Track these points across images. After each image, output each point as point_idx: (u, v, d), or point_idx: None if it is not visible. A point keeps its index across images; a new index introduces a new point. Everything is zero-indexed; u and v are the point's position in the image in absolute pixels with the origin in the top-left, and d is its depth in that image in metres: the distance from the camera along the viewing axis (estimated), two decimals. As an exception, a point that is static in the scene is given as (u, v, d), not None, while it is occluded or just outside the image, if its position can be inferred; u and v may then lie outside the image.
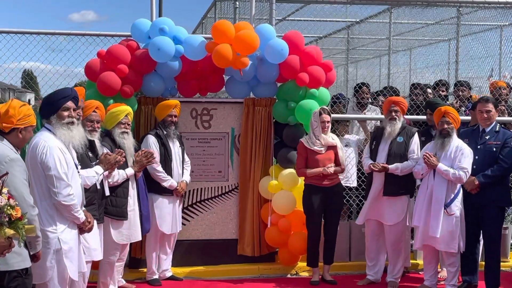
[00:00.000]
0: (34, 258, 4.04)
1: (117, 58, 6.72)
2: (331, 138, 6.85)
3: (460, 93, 8.18)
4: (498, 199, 6.34)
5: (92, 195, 5.09)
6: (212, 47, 6.77)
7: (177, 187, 6.64)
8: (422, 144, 6.76)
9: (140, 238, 6.15)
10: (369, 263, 6.90)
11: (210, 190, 7.34)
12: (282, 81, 7.29)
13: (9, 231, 3.40)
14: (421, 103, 7.99)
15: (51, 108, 4.46)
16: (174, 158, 6.68)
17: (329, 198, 6.78)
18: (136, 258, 7.04)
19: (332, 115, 7.65)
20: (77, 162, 4.67)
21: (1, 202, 3.36)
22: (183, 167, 6.81)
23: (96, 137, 5.52)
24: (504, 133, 6.42)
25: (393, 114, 6.70)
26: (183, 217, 7.13)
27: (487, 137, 6.42)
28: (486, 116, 6.40)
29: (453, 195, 6.31)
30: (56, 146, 4.37)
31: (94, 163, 5.24)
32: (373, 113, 8.24)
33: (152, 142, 6.54)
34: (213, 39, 6.86)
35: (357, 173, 7.89)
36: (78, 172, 4.63)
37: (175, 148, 6.71)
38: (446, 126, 6.37)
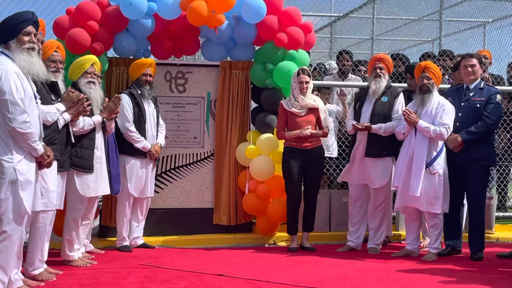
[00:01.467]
0: None
1: (87, 15, 6.52)
2: (312, 100, 6.63)
3: (442, 62, 8.05)
4: (483, 158, 6.19)
5: (52, 133, 4.82)
6: (186, 4, 6.58)
7: (151, 149, 6.41)
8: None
9: (108, 192, 5.90)
10: (351, 229, 6.69)
11: (185, 157, 7.13)
12: (260, 44, 7.13)
13: None
14: (403, 72, 7.85)
15: (10, 32, 4.26)
16: (148, 119, 6.46)
17: (309, 161, 6.55)
18: (106, 226, 6.82)
19: (313, 82, 7.52)
20: (36, 94, 4.44)
21: None
22: (157, 130, 6.59)
23: (59, 79, 5.28)
24: (488, 90, 6.29)
25: (378, 71, 6.53)
26: (156, 185, 6.90)
27: (471, 94, 6.28)
28: (470, 70, 6.26)
29: (435, 153, 6.15)
30: (13, 70, 4.17)
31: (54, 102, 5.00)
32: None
33: (125, 101, 6.31)
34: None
35: (337, 142, 7.73)
36: (37, 103, 4.39)
37: (149, 109, 6.50)
38: (426, 81, 6.21)
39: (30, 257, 4.89)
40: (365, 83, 7.26)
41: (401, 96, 6.57)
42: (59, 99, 5.03)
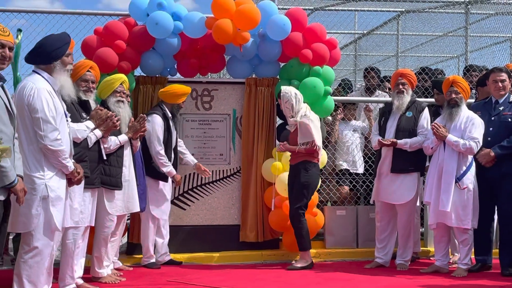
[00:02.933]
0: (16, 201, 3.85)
1: (114, 34, 6.65)
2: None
3: (470, 77, 8.00)
4: (517, 172, 6.11)
5: (82, 151, 4.91)
6: (212, 23, 6.67)
7: (175, 175, 6.52)
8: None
9: (138, 209, 5.97)
10: (379, 245, 6.65)
11: (212, 174, 7.16)
12: (285, 61, 7.18)
13: None
14: (429, 87, 7.83)
15: (55, 54, 4.35)
16: (173, 143, 6.56)
17: (292, 177, 6.56)
18: (134, 244, 6.86)
19: (338, 98, 7.58)
20: (66, 112, 4.53)
21: None
22: (177, 152, 6.66)
23: (91, 98, 5.37)
24: (519, 104, 6.24)
25: (401, 87, 6.53)
26: (183, 202, 7.03)
27: (501, 108, 6.24)
28: (501, 85, 6.23)
29: (464, 168, 6.10)
30: (45, 89, 4.26)
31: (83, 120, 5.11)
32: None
33: (159, 124, 6.35)
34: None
35: (363, 158, 7.72)
36: (67, 121, 4.49)
37: (174, 133, 6.60)
38: (454, 96, 6.19)
39: (61, 273, 4.97)
40: (390, 99, 7.27)
41: (426, 110, 6.55)
42: (88, 117, 5.12)
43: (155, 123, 6.30)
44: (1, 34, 3.82)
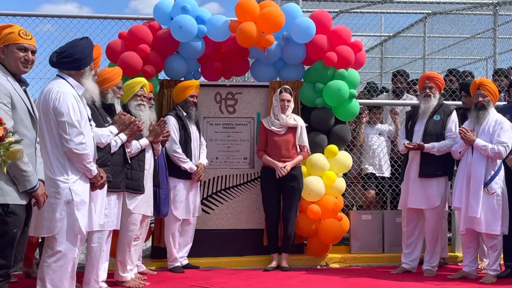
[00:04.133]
0: (36, 203, 3.86)
1: (139, 38, 6.68)
2: (292, 119, 6.69)
3: (498, 81, 7.88)
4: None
5: (105, 155, 4.92)
6: (236, 26, 6.66)
7: (198, 170, 6.49)
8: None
9: (151, 214, 6.00)
10: (405, 250, 6.57)
11: (235, 178, 7.15)
12: (309, 64, 7.14)
13: None
14: (456, 89, 7.72)
15: (85, 61, 4.39)
16: (193, 140, 6.56)
17: (286, 182, 6.60)
18: (158, 247, 6.86)
19: (363, 101, 7.54)
20: (90, 117, 4.56)
21: None
22: (200, 150, 6.66)
23: (117, 102, 5.38)
24: (548, 106, 6.13)
25: (427, 90, 6.46)
26: (207, 206, 7.00)
27: (531, 111, 6.13)
28: None
29: (493, 173, 6.02)
30: (70, 93, 4.28)
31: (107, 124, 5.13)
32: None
33: (172, 124, 6.41)
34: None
35: (390, 161, 7.65)
36: (91, 125, 4.51)
37: (193, 130, 6.58)
38: (481, 98, 6.11)
39: (86, 277, 5.01)
40: (415, 102, 7.20)
41: (454, 114, 6.46)
42: (111, 122, 5.13)
43: (167, 124, 6.29)
44: (24, 38, 3.84)
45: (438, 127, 6.40)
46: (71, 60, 4.37)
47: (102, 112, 5.09)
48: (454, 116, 6.45)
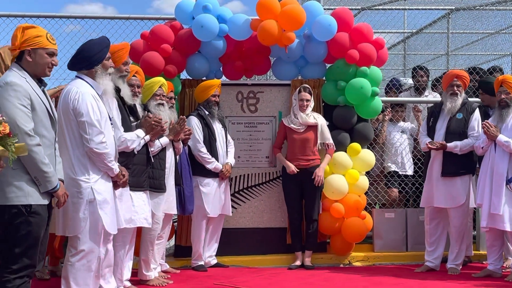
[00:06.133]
0: (57, 203, 3.88)
1: (161, 38, 6.70)
2: (312, 117, 6.68)
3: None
4: None
5: (128, 159, 4.93)
6: (257, 25, 6.65)
7: (222, 169, 6.47)
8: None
9: (175, 212, 6.01)
10: (429, 248, 6.50)
11: (258, 176, 7.13)
12: (331, 62, 7.09)
13: None
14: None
15: (95, 58, 4.36)
16: (218, 138, 6.54)
17: (307, 180, 6.60)
18: (181, 246, 6.87)
19: (385, 98, 7.48)
20: (110, 115, 4.56)
21: None
22: (227, 148, 6.64)
23: (137, 102, 5.38)
24: None
25: (455, 88, 6.35)
26: (231, 204, 6.94)
27: (556, 108, 6.01)
28: None
29: (516, 169, 5.91)
30: (89, 93, 4.28)
31: (134, 123, 5.14)
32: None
33: (194, 123, 6.41)
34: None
35: (413, 159, 7.57)
36: (111, 124, 4.51)
37: (218, 128, 6.57)
38: (504, 96, 6.01)
39: (105, 275, 4.98)
40: (438, 99, 7.10)
41: (477, 111, 6.37)
42: (136, 123, 5.13)
43: (190, 124, 6.31)
44: (52, 43, 3.85)
45: (460, 125, 6.31)
46: (79, 59, 4.36)
47: (128, 116, 5.10)
48: (477, 114, 6.35)
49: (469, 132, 6.30)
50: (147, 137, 5.20)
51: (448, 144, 6.23)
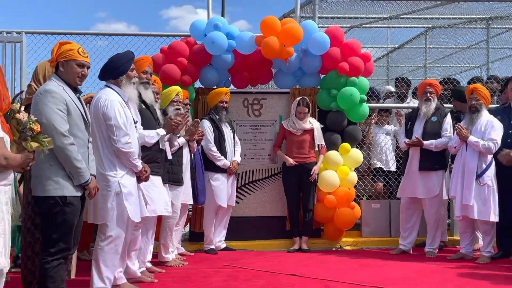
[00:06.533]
0: (89, 195, 3.87)
1: (177, 52, 6.68)
2: (308, 122, 6.67)
3: (490, 85, 7.71)
4: (535, 170, 5.83)
5: (154, 153, 4.93)
6: (261, 41, 6.64)
7: (230, 166, 6.46)
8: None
9: (191, 202, 6.02)
10: (403, 234, 6.50)
11: (261, 172, 7.11)
12: (325, 72, 7.06)
13: (34, 144, 3.19)
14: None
15: (120, 70, 4.35)
16: (226, 139, 6.53)
17: (303, 175, 6.58)
18: (195, 232, 6.86)
19: (371, 104, 7.47)
20: (135, 119, 4.55)
21: (23, 118, 3.15)
22: (234, 148, 6.63)
23: (157, 107, 5.33)
24: (535, 108, 5.97)
25: (428, 95, 6.36)
26: (237, 196, 6.93)
27: (519, 112, 5.99)
28: None
29: (484, 166, 5.88)
30: (116, 100, 4.27)
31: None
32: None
33: (206, 125, 6.41)
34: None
35: (396, 157, 7.55)
36: (136, 127, 4.51)
37: (227, 131, 6.57)
38: (474, 102, 6.00)
39: (131, 257, 4.96)
40: (415, 105, 7.10)
41: (449, 116, 6.41)
42: (161, 125, 5.12)
43: (202, 126, 6.31)
44: (82, 55, 3.84)
45: (435, 127, 6.30)
46: (107, 71, 4.36)
47: (154, 116, 5.09)
48: (449, 118, 6.37)
49: (443, 133, 6.29)
50: (163, 132, 5.12)
51: (425, 142, 6.23)
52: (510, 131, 5.95)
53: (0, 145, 3.01)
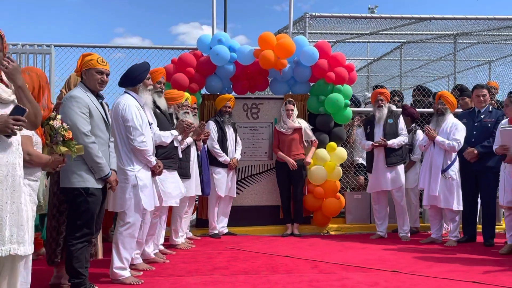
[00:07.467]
0: (109, 188, 3.86)
1: (186, 63, 6.67)
2: (297, 122, 6.65)
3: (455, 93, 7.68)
4: (495, 166, 5.81)
5: (170, 150, 4.95)
6: (258, 53, 6.63)
7: (230, 162, 6.44)
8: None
9: (200, 193, 6.00)
10: (378, 222, 6.52)
11: (259, 167, 7.10)
12: (314, 81, 7.05)
13: (63, 148, 3.20)
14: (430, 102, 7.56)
15: (138, 78, 4.34)
16: (228, 139, 6.51)
17: (293, 171, 6.57)
18: (201, 219, 6.84)
19: (354, 109, 7.46)
20: (150, 121, 4.54)
21: (56, 125, 3.19)
22: (235, 147, 6.61)
23: (162, 97, 5.29)
24: (496, 112, 5.99)
25: (380, 102, 6.40)
26: (239, 188, 6.93)
27: (482, 116, 6.00)
28: (482, 99, 5.99)
29: (449, 162, 5.90)
30: (134, 104, 4.26)
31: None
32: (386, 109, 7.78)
33: (212, 126, 6.40)
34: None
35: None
36: (151, 128, 4.49)
37: (229, 132, 6.55)
38: (440, 106, 6.01)
39: (148, 241, 4.96)
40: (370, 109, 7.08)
41: (401, 117, 6.48)
42: (174, 127, 5.11)
43: (208, 127, 6.30)
44: (101, 64, 3.83)
45: (393, 128, 6.35)
46: (126, 79, 4.35)
47: (168, 119, 5.08)
48: (401, 119, 6.45)
49: (399, 132, 6.34)
50: (176, 133, 5.13)
51: (388, 142, 6.25)
52: (474, 132, 5.95)
53: (27, 142, 3.00)
